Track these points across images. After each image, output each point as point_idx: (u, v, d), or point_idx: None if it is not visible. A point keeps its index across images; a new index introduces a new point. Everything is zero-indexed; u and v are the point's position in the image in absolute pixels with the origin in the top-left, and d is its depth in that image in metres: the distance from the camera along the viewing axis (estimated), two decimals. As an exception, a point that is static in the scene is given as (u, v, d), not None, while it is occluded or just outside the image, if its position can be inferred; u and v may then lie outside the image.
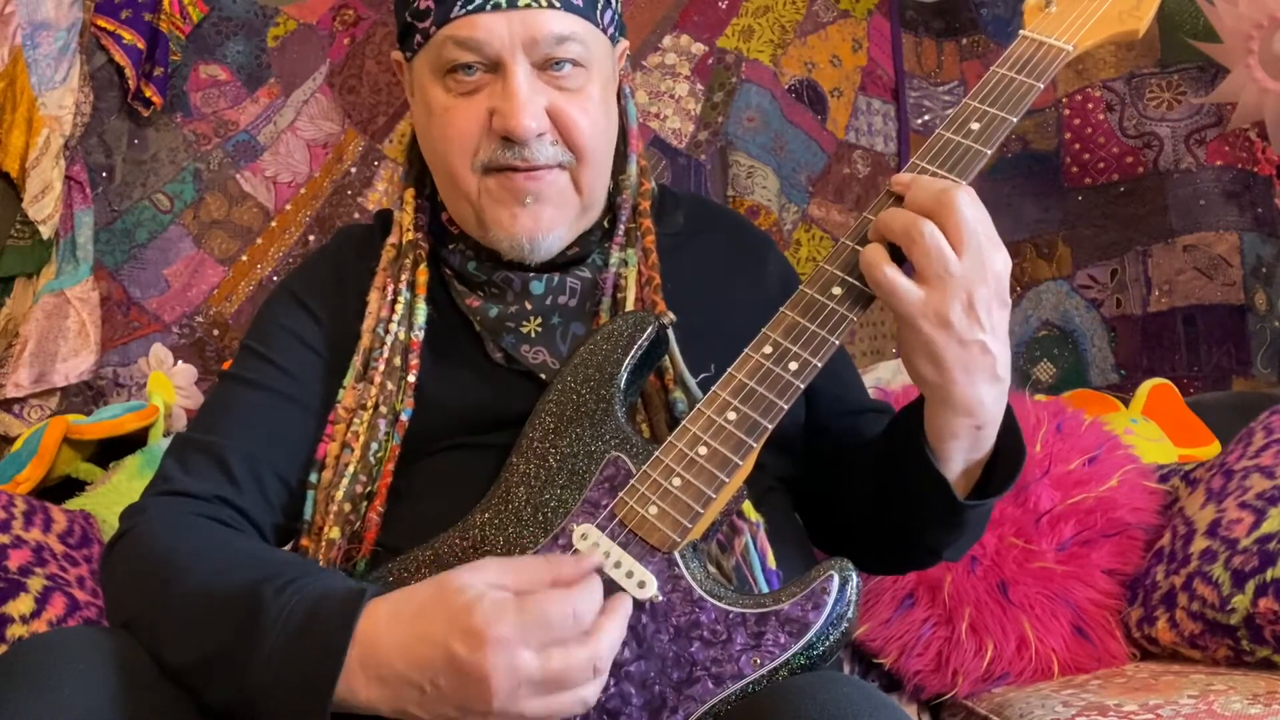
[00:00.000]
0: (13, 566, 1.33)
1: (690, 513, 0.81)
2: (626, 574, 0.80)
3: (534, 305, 1.00)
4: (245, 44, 2.19)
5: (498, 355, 0.99)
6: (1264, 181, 2.13)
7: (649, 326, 0.93)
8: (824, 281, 0.86)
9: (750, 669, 0.76)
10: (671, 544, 0.81)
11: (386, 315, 1.00)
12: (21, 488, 1.62)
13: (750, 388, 0.84)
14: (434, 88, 0.98)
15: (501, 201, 0.97)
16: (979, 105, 0.90)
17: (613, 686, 0.77)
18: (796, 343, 0.84)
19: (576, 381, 0.92)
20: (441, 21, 0.96)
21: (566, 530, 0.83)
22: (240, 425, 0.98)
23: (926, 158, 0.88)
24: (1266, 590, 1.15)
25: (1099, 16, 0.94)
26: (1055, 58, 0.92)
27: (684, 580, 0.80)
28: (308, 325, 1.03)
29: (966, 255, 0.79)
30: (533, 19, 0.93)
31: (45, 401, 1.98)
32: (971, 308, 0.80)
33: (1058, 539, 1.34)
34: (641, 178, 1.07)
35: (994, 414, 0.86)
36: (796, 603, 0.77)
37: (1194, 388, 2.08)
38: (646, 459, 0.85)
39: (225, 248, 2.14)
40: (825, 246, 2.29)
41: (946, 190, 0.81)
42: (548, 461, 0.88)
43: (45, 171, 1.96)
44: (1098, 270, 2.19)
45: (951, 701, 1.33)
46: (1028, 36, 0.94)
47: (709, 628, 0.78)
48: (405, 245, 1.03)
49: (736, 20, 2.35)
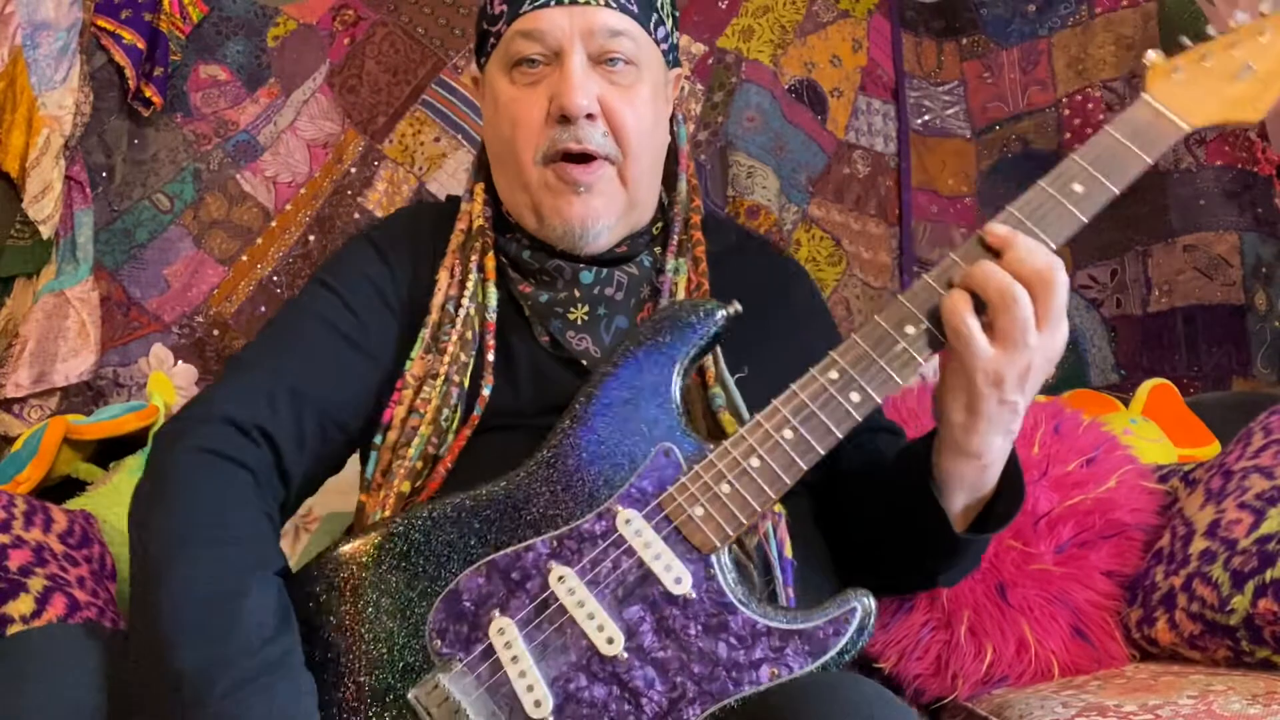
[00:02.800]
0: (13, 566, 1.33)
1: (735, 521, 0.84)
2: (665, 567, 0.83)
3: (582, 294, 1.06)
4: (245, 44, 2.19)
5: (544, 339, 1.05)
6: (1264, 181, 2.13)
7: (718, 312, 0.94)
8: (901, 317, 0.87)
9: (768, 679, 0.80)
10: (712, 547, 0.84)
11: (456, 294, 1.06)
12: (21, 488, 1.63)
13: (810, 410, 0.86)
14: (502, 81, 1.07)
15: (557, 191, 1.05)
16: (1086, 166, 0.90)
17: (638, 668, 0.80)
18: (863, 375, 0.86)
19: (635, 360, 0.93)
20: (511, 19, 1.06)
21: (611, 511, 0.86)
22: (299, 359, 1.00)
23: (1024, 211, 0.89)
24: (1266, 591, 1.15)
25: (1222, 98, 0.92)
26: (1171, 134, 0.91)
27: (717, 583, 0.83)
28: (385, 277, 1.08)
29: (1045, 331, 0.84)
30: (591, 13, 1.04)
31: (45, 401, 1.98)
32: (1025, 375, 0.84)
33: (1056, 541, 1.34)
34: (692, 195, 1.15)
35: (1000, 458, 0.90)
36: (820, 626, 0.81)
37: (1194, 388, 2.08)
38: (698, 458, 0.87)
39: (225, 248, 2.14)
40: (825, 246, 2.29)
41: (1048, 269, 0.84)
42: (599, 436, 0.90)
43: (45, 171, 1.96)
44: (1098, 270, 2.20)
45: (952, 704, 1.33)
46: (1149, 103, 0.92)
47: (735, 633, 0.81)
48: (475, 231, 1.10)
49: (736, 20, 2.35)
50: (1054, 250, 0.87)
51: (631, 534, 0.84)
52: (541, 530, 0.86)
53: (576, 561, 0.84)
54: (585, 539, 0.85)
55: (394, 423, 1.01)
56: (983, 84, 2.40)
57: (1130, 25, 2.27)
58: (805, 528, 1.01)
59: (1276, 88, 0.93)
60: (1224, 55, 0.96)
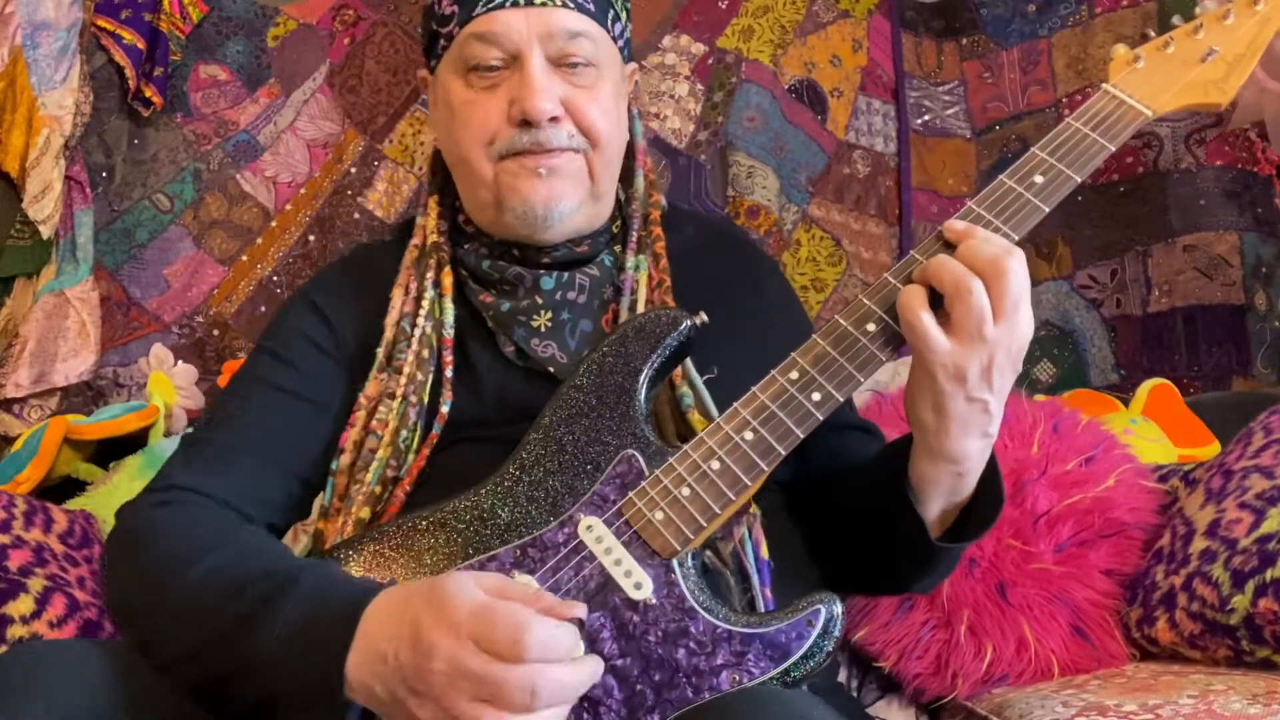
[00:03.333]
0: (13, 567, 1.33)
1: (694, 524, 0.83)
2: (625, 573, 0.82)
3: (544, 300, 1.04)
4: (245, 44, 2.19)
5: (509, 350, 1.03)
6: (1264, 181, 2.13)
7: (682, 324, 0.94)
8: (860, 315, 0.87)
9: (728, 684, 0.78)
10: (672, 551, 0.83)
11: (411, 310, 1.04)
12: (21, 488, 1.63)
13: (771, 411, 0.85)
14: (455, 83, 1.04)
15: (518, 175, 1.02)
16: (1046, 157, 0.89)
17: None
18: (823, 374, 0.85)
19: (601, 371, 0.93)
20: (464, 21, 1.02)
21: (574, 519, 0.85)
22: (250, 423, 1.00)
23: (984, 204, 0.88)
24: (1266, 590, 1.15)
25: (1185, 82, 0.91)
26: (1132, 120, 0.90)
27: (678, 588, 0.81)
28: (323, 331, 1.06)
29: (1003, 322, 0.81)
30: (548, 15, 1.00)
31: (45, 401, 1.98)
32: (989, 370, 0.82)
33: (1055, 540, 1.34)
34: (650, 190, 1.13)
35: (978, 464, 0.89)
36: (781, 629, 0.79)
37: (1194, 388, 2.08)
38: (660, 462, 0.86)
39: (225, 248, 2.14)
40: (825, 247, 2.29)
41: (1002, 257, 0.82)
42: (563, 447, 0.90)
43: (45, 171, 1.96)
44: (1098, 270, 2.19)
45: (951, 704, 1.33)
46: (1109, 92, 0.92)
47: (695, 638, 0.80)
48: (429, 246, 1.08)
49: (736, 20, 2.35)
50: (1015, 242, 0.85)
51: (592, 540, 0.83)
52: (507, 540, 0.86)
53: (539, 569, 0.84)
54: (548, 547, 0.85)
55: (347, 446, 1.00)
56: (983, 84, 2.40)
57: (1130, 25, 2.27)
58: (782, 528, 1.00)
59: (1242, 69, 0.93)
60: (1187, 41, 0.95)
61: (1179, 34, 0.96)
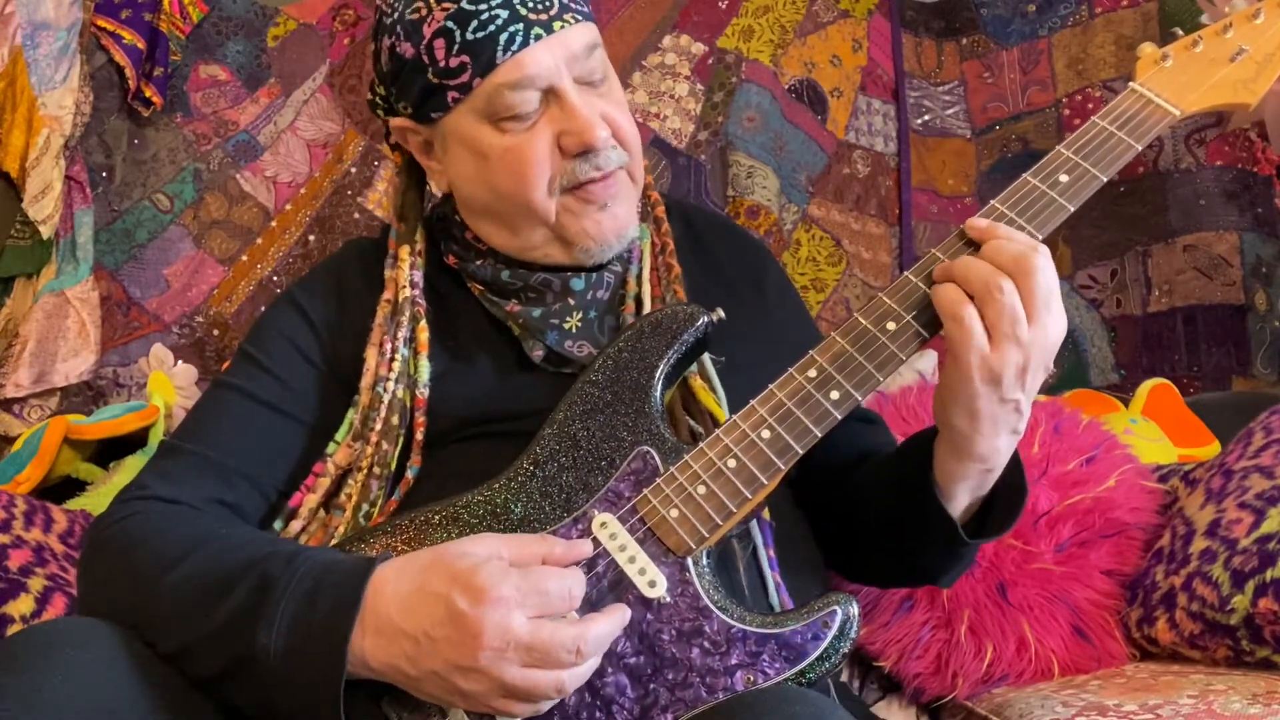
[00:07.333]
0: (13, 566, 1.33)
1: (710, 523, 0.82)
2: (639, 570, 0.81)
3: (576, 301, 1.03)
4: (245, 44, 2.19)
5: (537, 354, 1.02)
6: (1264, 181, 2.13)
7: (699, 320, 0.93)
8: (880, 314, 0.86)
9: (743, 685, 0.77)
10: (687, 549, 0.82)
11: (385, 373, 1.01)
12: (21, 488, 1.63)
13: (788, 409, 0.84)
14: (485, 131, 0.99)
15: (582, 213, 1.00)
16: (1071, 156, 0.88)
17: (610, 675, 0.78)
18: (842, 372, 0.84)
19: (617, 366, 0.92)
20: (484, 71, 0.97)
21: (588, 515, 0.85)
22: (227, 435, 0.99)
23: (1008, 203, 0.87)
24: (1266, 590, 1.15)
25: (1213, 82, 0.91)
26: (1160, 119, 0.89)
27: (693, 587, 0.81)
28: (307, 335, 1.04)
29: (1036, 322, 0.80)
30: (566, 36, 0.98)
31: (45, 401, 1.98)
32: (1023, 372, 0.81)
33: (1056, 540, 1.34)
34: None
35: (1004, 459, 0.88)
36: (797, 630, 0.79)
37: (1194, 388, 2.08)
38: (675, 459, 0.86)
39: (225, 248, 2.14)
40: (826, 246, 2.29)
41: (1028, 254, 0.81)
42: (578, 442, 0.89)
43: (45, 171, 1.95)
44: (1098, 270, 2.19)
45: (951, 703, 1.33)
46: (1137, 90, 0.91)
47: (710, 638, 0.79)
48: (401, 303, 1.04)
49: (736, 20, 2.35)
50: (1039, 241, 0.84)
51: (606, 537, 0.83)
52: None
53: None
54: None
55: (301, 511, 0.98)
56: (983, 84, 2.40)
57: (1130, 25, 2.27)
58: (791, 524, 1.00)
59: (1272, 69, 0.92)
60: (1216, 40, 0.95)
61: (1208, 33, 0.95)
